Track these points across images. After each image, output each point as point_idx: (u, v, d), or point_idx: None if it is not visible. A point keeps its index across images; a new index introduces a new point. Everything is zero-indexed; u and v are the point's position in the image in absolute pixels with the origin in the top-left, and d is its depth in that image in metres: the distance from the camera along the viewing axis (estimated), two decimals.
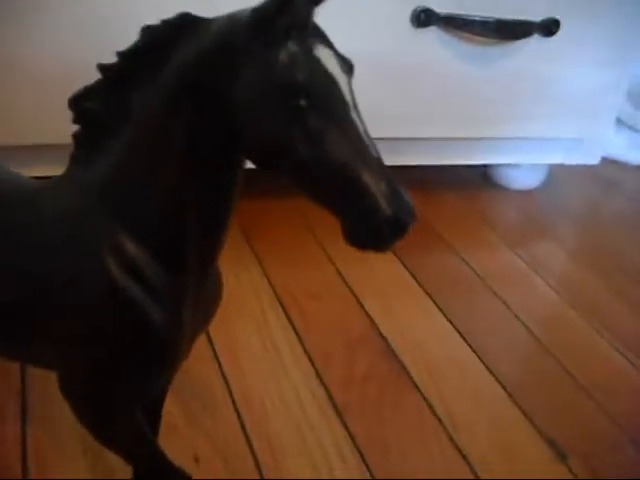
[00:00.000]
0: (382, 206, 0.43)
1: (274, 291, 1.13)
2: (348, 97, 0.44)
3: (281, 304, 1.10)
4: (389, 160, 0.46)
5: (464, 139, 1.36)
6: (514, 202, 1.57)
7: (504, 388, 0.99)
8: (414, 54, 1.20)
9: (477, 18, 1.19)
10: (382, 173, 0.44)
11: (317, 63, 0.43)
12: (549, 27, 1.26)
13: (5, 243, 0.54)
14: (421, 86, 1.23)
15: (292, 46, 0.43)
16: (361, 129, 0.44)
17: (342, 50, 0.47)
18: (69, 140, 0.53)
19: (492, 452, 0.88)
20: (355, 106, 0.45)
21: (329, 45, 0.45)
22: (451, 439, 0.89)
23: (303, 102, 0.42)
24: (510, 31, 1.22)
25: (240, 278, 1.14)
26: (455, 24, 1.18)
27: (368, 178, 0.43)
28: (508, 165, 1.55)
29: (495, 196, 1.58)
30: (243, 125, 0.45)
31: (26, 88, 1.03)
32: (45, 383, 0.85)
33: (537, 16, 1.25)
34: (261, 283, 1.14)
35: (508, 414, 0.95)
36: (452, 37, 1.21)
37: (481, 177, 1.64)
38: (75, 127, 0.52)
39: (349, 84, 0.45)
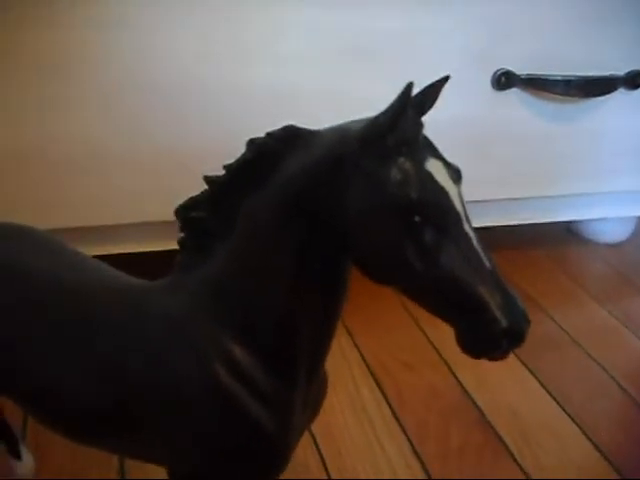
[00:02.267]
0: (498, 318, 0.43)
1: (365, 362, 1.12)
2: (460, 208, 0.44)
3: (373, 376, 1.09)
4: (474, 222, 0.45)
5: (549, 197, 1.33)
6: (602, 256, 1.53)
7: (606, 458, 0.95)
8: (496, 117, 1.19)
9: (559, 77, 1.17)
10: (496, 283, 0.43)
11: (429, 178, 0.43)
12: (634, 80, 1.23)
13: (114, 348, 0.55)
14: (504, 147, 1.22)
15: (404, 162, 0.43)
16: (474, 240, 0.44)
17: (428, 119, 0.47)
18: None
19: None
20: (467, 216, 0.44)
21: (439, 156, 0.45)
22: None
23: (417, 218, 0.43)
24: (595, 88, 1.20)
25: (332, 349, 1.13)
26: (537, 85, 1.17)
27: (483, 290, 0.43)
28: (595, 219, 1.52)
29: (582, 251, 1.54)
30: (354, 240, 0.45)
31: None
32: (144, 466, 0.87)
33: (620, 70, 1.23)
34: (352, 354, 1.14)
35: None
36: (533, 97, 1.20)
37: (566, 232, 1.61)
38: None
39: (459, 194, 0.45)
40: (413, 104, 0.45)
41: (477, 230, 0.45)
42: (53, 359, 0.56)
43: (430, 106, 0.47)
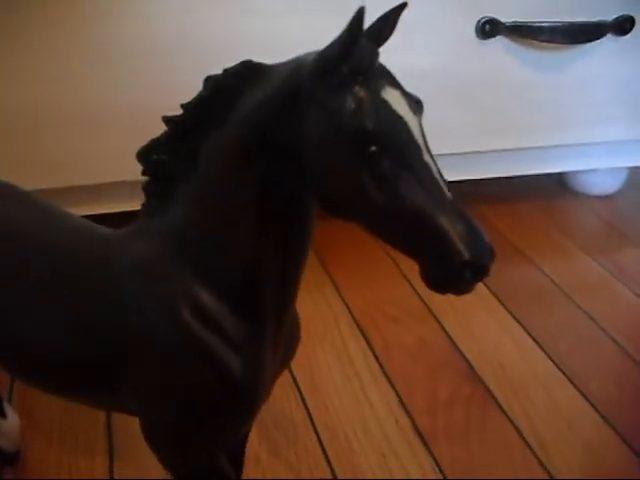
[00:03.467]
0: (460, 250, 0.41)
1: (352, 315, 1.12)
2: (419, 139, 0.43)
3: (360, 329, 1.09)
4: (461, 175, 0.44)
5: (539, 148, 1.32)
6: (593, 208, 1.52)
7: (593, 406, 0.95)
8: (480, 66, 1.17)
9: (545, 24, 1.15)
10: (458, 215, 0.42)
11: (386, 106, 0.42)
12: (623, 25, 1.21)
13: (81, 299, 0.54)
14: (490, 98, 1.21)
15: (359, 90, 0.42)
16: (434, 171, 0.43)
17: (408, 67, 0.46)
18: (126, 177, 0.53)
19: (584, 476, 0.85)
20: (427, 147, 0.43)
21: (396, 85, 0.44)
22: (540, 463, 0.86)
23: (374, 148, 0.41)
24: (582, 34, 1.18)
25: (317, 303, 1.14)
26: (522, 32, 1.15)
27: (444, 221, 0.42)
28: (585, 170, 1.50)
29: (573, 203, 1.53)
30: (313, 173, 0.44)
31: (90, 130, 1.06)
32: (130, 419, 0.87)
33: (609, 15, 1.20)
34: (338, 307, 1.14)
35: (600, 434, 0.91)
36: (520, 45, 1.18)
37: (557, 184, 1.60)
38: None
39: (419, 124, 0.44)
40: (369, 33, 0.44)
41: (462, 183, 0.44)
42: (32, 316, 0.56)
43: (388, 35, 0.45)
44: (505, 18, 1.15)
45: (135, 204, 0.55)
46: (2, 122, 1.02)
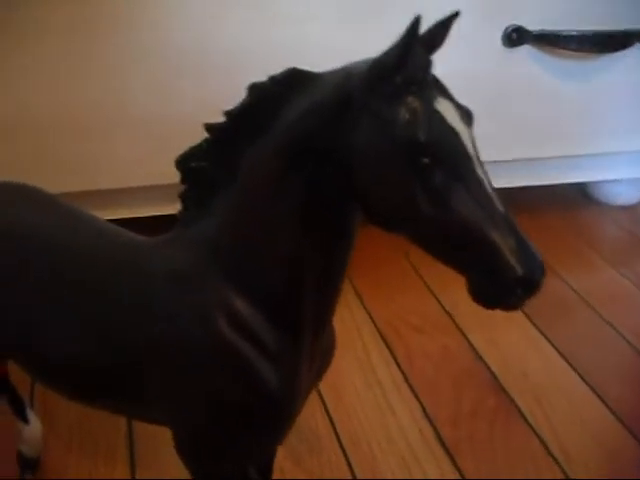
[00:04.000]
0: (513, 265, 0.40)
1: (376, 326, 1.11)
2: (471, 151, 0.42)
3: (383, 339, 1.08)
4: None
5: (563, 157, 1.31)
6: (616, 219, 1.50)
7: (617, 417, 0.94)
8: (506, 74, 1.16)
9: (573, 33, 1.14)
10: (510, 229, 0.41)
11: (438, 118, 0.41)
12: None
13: (106, 304, 0.53)
14: (516, 106, 1.20)
15: (412, 101, 0.41)
16: (486, 184, 0.42)
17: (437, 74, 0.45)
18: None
19: None
20: (479, 159, 0.42)
21: (448, 96, 0.43)
22: (564, 473, 0.85)
23: (426, 160, 0.40)
24: (609, 43, 1.17)
25: (341, 313, 1.12)
26: (549, 41, 1.14)
27: (496, 236, 0.41)
28: (609, 180, 1.49)
29: (596, 213, 1.52)
30: (361, 183, 0.43)
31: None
32: (150, 425, 0.86)
33: (637, 24, 1.19)
34: (362, 318, 1.13)
35: (623, 445, 0.90)
36: (546, 54, 1.17)
37: (580, 194, 1.59)
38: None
39: (471, 136, 0.43)
40: (422, 42, 0.43)
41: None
42: (56, 321, 0.55)
43: (440, 43, 0.45)
44: (532, 26, 1.14)
45: (151, 209, 0.54)
46: (21, 126, 1.02)
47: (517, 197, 1.44)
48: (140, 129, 1.04)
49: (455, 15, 0.44)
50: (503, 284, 0.41)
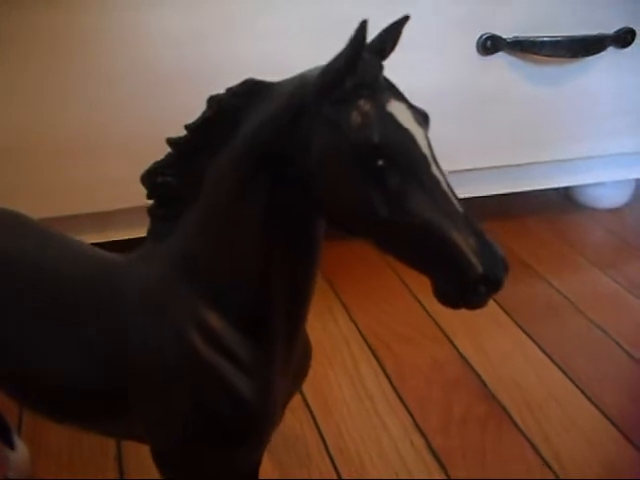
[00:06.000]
0: (474, 263, 0.41)
1: (363, 337, 1.11)
2: (426, 151, 0.42)
3: (371, 350, 1.08)
4: (466, 192, 0.44)
5: (544, 162, 1.31)
6: (601, 222, 1.51)
7: (610, 420, 0.94)
8: (483, 83, 1.17)
9: (546, 39, 1.15)
10: (469, 228, 0.41)
11: (391, 119, 0.41)
12: (624, 38, 1.21)
13: (84, 327, 0.53)
14: (493, 114, 1.21)
15: (364, 104, 0.41)
16: (443, 184, 0.42)
17: (409, 86, 0.45)
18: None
19: None
20: (435, 159, 0.42)
21: (401, 98, 0.43)
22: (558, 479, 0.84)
23: (381, 162, 0.41)
24: (583, 48, 1.18)
25: (327, 325, 1.13)
26: (523, 48, 1.15)
27: (455, 235, 0.41)
28: (591, 184, 1.49)
29: (580, 217, 1.52)
30: (320, 190, 0.44)
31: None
32: (140, 448, 0.86)
33: (610, 28, 1.20)
34: (349, 329, 1.12)
35: (617, 448, 0.90)
36: (522, 61, 1.18)
37: (564, 199, 1.59)
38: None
39: (426, 137, 0.43)
40: (372, 47, 0.44)
41: (469, 200, 0.43)
42: (35, 343, 0.55)
43: (391, 49, 0.45)
44: (506, 34, 1.15)
45: (137, 231, 0.54)
46: (5, 150, 1.02)
47: (499, 204, 1.45)
48: (127, 149, 1.05)
49: (405, 19, 0.45)
50: (466, 283, 0.41)
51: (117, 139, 1.04)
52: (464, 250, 0.41)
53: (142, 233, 0.55)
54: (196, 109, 0.49)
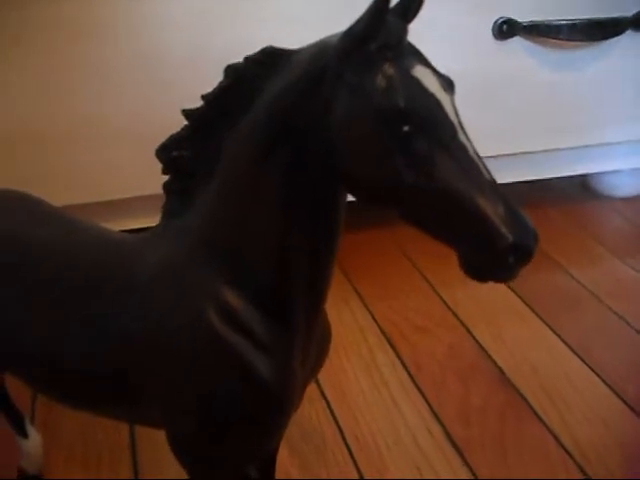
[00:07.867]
0: (503, 232, 0.39)
1: (379, 326, 1.09)
2: (453, 117, 0.41)
3: (388, 340, 1.06)
4: None
5: (561, 150, 1.29)
6: (619, 210, 1.49)
7: (630, 407, 0.93)
8: (498, 68, 1.16)
9: (563, 22, 1.13)
10: (497, 196, 0.40)
11: (417, 84, 0.40)
12: None
13: (105, 307, 0.52)
14: (509, 99, 1.19)
15: (388, 68, 0.40)
16: (470, 150, 0.40)
17: None
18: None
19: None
20: (461, 126, 0.41)
21: (426, 63, 0.42)
22: (581, 469, 0.83)
23: (407, 128, 0.39)
24: (601, 31, 1.16)
25: (343, 316, 1.11)
26: (540, 32, 1.14)
27: (484, 203, 0.39)
28: (609, 172, 1.47)
29: (598, 206, 1.50)
30: (343, 158, 0.42)
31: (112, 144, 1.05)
32: (154, 437, 0.85)
33: (628, 10, 1.18)
34: (365, 319, 1.11)
35: (638, 435, 0.88)
36: (538, 45, 1.16)
37: (581, 187, 1.57)
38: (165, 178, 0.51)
39: (452, 103, 0.42)
40: (396, 10, 0.42)
41: None
42: (50, 326, 0.54)
43: (414, 13, 0.44)
44: (522, 18, 1.13)
45: (146, 221, 0.53)
46: (21, 140, 1.02)
47: (516, 192, 1.43)
48: (144, 138, 1.04)
49: None
50: (494, 253, 0.40)
51: (120, 126, 1.04)
52: (493, 218, 0.39)
53: (146, 223, 0.53)
54: (197, 97, 0.47)
